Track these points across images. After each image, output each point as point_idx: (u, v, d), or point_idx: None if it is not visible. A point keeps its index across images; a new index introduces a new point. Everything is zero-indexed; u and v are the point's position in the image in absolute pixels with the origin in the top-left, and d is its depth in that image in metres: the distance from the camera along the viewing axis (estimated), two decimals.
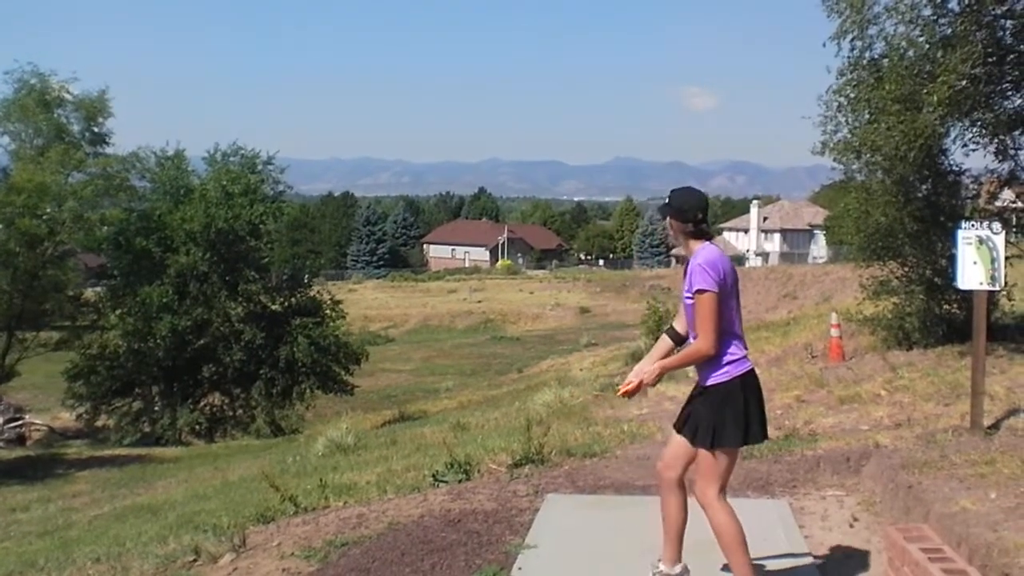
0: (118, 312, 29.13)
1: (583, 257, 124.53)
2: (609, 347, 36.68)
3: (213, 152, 32.03)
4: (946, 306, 12.00)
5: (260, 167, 32.06)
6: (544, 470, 7.37)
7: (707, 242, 4.24)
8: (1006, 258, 7.64)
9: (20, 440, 27.03)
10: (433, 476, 7.61)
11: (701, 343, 4.11)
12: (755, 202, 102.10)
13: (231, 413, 30.60)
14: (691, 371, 4.63)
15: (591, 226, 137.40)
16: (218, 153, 31.96)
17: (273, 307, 31.78)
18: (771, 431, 8.32)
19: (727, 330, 4.16)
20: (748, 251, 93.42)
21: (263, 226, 31.42)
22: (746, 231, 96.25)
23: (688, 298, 4.17)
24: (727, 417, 4.15)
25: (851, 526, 5.60)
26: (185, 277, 29.29)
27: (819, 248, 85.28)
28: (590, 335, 45.93)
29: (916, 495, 5.14)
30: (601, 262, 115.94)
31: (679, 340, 4.49)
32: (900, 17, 10.63)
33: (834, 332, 13.76)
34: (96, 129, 28.68)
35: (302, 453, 14.29)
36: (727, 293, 4.14)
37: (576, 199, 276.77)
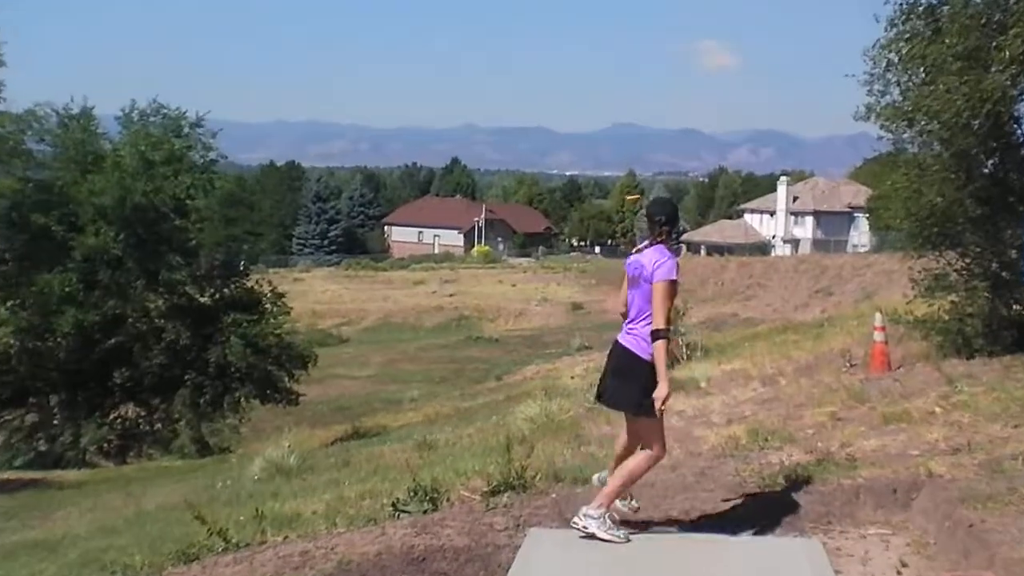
0: (9, 304, 28.87)
1: (576, 243, 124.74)
2: (605, 351, 36.64)
3: (129, 111, 31.79)
4: (1016, 306, 12.02)
5: (187, 130, 31.86)
6: (527, 499, 7.36)
7: None
8: None
9: None
10: (393, 505, 7.60)
11: None
12: (783, 179, 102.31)
13: (148, 428, 30.47)
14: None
15: (586, 206, 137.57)
16: (135, 112, 31.73)
17: (202, 300, 31.63)
18: (800, 454, 8.38)
19: None
20: (774, 237, 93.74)
21: (190, 202, 31.23)
22: (772, 214, 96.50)
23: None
24: None
25: (898, 572, 5.57)
26: (94, 262, 29.07)
27: (860, 235, 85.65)
28: (583, 336, 45.89)
29: (978, 536, 5.12)
30: (597, 249, 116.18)
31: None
32: None
33: (878, 336, 13.73)
34: None
35: (235, 476, 14.31)
36: None
37: (568, 173, 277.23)
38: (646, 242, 6.40)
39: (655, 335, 6.00)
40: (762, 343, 20.42)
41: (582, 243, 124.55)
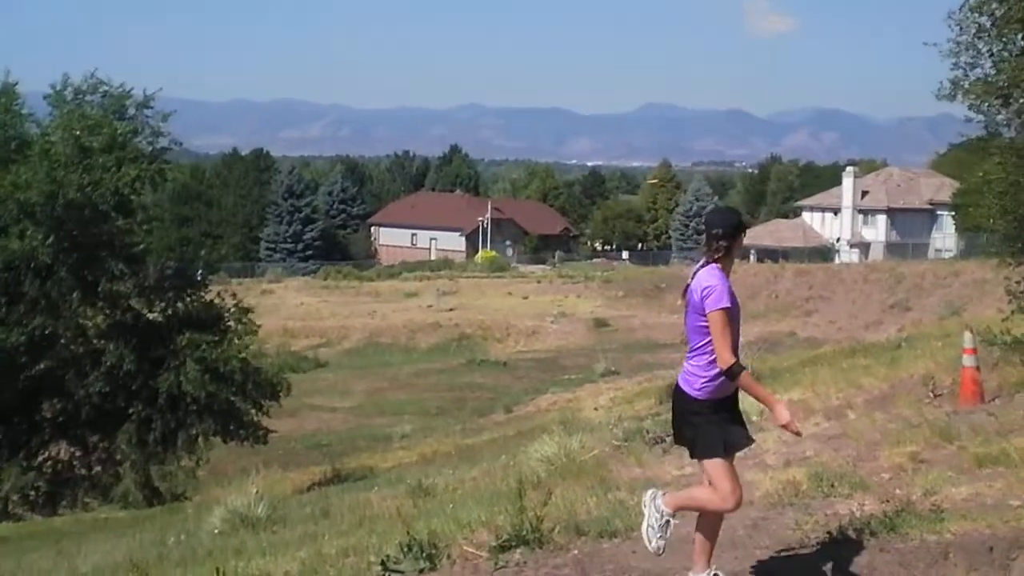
0: None
1: (599, 247, 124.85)
2: (636, 377, 36.80)
3: (61, 87, 31.75)
4: None
5: (133, 111, 31.86)
6: (543, 555, 7.38)
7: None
8: None
9: None
10: (382, 563, 7.60)
11: None
12: (850, 169, 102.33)
13: (84, 471, 30.41)
14: None
15: (611, 203, 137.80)
16: (69, 89, 31.66)
17: (150, 316, 31.62)
18: (874, 503, 8.34)
19: None
20: (839, 240, 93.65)
21: (136, 198, 31.25)
22: (836, 211, 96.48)
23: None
24: None
25: None
26: (18, 271, 29.06)
27: (944, 237, 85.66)
28: (608, 359, 46.02)
29: None
30: (625, 255, 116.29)
31: None
32: None
33: (967, 360, 13.67)
34: None
35: (190, 529, 14.31)
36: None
37: (590, 164, 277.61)
38: (702, 260, 6.41)
39: (727, 374, 6.05)
40: (826, 368, 20.39)
41: (607, 247, 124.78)
